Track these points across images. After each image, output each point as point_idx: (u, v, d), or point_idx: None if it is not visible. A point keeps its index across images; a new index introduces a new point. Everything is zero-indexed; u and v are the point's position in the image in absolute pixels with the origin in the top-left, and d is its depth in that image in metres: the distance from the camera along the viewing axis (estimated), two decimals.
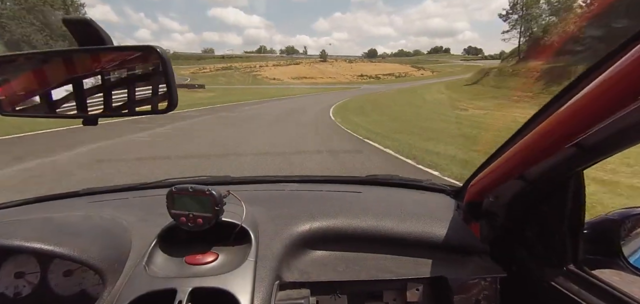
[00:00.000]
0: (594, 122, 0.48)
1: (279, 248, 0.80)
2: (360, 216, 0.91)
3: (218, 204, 0.73)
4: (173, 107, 0.59)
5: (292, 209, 0.94)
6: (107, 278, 0.70)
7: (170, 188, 0.75)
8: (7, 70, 0.61)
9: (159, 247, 0.77)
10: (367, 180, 1.32)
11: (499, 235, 0.85)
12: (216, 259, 0.74)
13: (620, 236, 0.66)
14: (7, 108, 0.60)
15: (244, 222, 0.80)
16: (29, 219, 0.91)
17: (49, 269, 0.80)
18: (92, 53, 0.58)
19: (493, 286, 0.80)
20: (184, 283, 0.67)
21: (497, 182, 0.79)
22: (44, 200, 1.20)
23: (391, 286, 0.85)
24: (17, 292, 0.79)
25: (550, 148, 0.59)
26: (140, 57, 0.60)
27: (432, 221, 0.90)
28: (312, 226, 0.88)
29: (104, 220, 0.89)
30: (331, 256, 0.85)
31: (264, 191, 1.19)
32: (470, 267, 0.82)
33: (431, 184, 1.22)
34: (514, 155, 0.69)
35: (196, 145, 7.44)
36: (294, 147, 7.28)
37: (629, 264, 0.64)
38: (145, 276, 0.69)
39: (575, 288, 0.68)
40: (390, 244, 0.87)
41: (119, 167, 5.41)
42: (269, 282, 0.72)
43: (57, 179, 4.70)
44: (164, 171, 4.95)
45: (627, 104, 0.43)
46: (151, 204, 1.03)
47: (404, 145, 7.27)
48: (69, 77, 0.61)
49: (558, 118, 0.54)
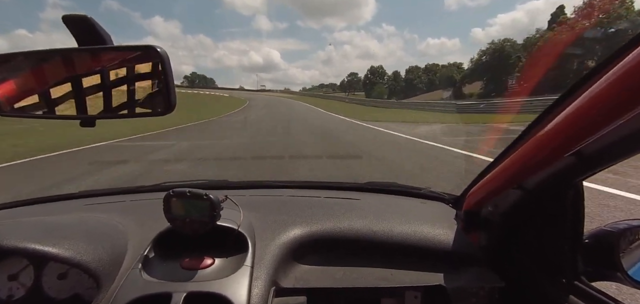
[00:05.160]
0: (593, 131, 0.48)
1: (275, 253, 0.79)
2: (358, 223, 0.90)
3: (215, 209, 0.72)
4: (171, 109, 0.59)
5: (289, 215, 0.94)
6: (101, 281, 0.69)
7: (167, 192, 0.74)
8: (5, 70, 0.61)
9: (154, 251, 0.77)
10: (365, 187, 1.32)
11: (498, 245, 0.84)
12: (212, 264, 0.74)
13: (619, 248, 0.66)
14: (6, 108, 0.60)
15: (241, 228, 0.79)
16: (24, 220, 0.90)
17: (43, 272, 0.79)
18: (91, 52, 0.58)
19: (491, 296, 0.79)
20: (180, 287, 0.66)
21: (495, 192, 0.79)
22: (39, 202, 1.19)
23: (389, 294, 0.84)
24: (10, 295, 0.78)
25: (549, 157, 0.59)
26: (139, 56, 0.60)
27: (430, 229, 0.89)
28: (310, 233, 0.87)
29: (100, 223, 0.88)
30: (329, 263, 0.84)
31: (262, 196, 1.19)
32: (468, 276, 0.81)
33: (430, 192, 1.21)
34: (512, 164, 0.69)
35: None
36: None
37: (627, 276, 0.63)
38: (140, 279, 0.68)
39: (574, 300, 0.67)
40: (388, 251, 0.86)
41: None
42: (265, 288, 0.71)
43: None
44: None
45: (627, 112, 0.42)
46: (148, 207, 1.02)
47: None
48: (68, 77, 0.61)
49: (557, 127, 0.53)
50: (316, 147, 8.63)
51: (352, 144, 9.34)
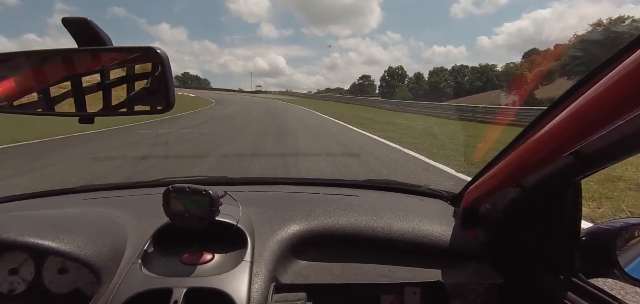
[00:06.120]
0: (592, 131, 0.48)
1: (275, 250, 0.80)
2: (357, 219, 0.91)
3: (214, 204, 0.72)
4: (171, 107, 0.59)
5: (289, 211, 0.94)
6: (102, 276, 0.69)
7: (167, 187, 0.75)
8: (6, 68, 0.61)
9: (154, 246, 0.77)
10: (365, 184, 1.32)
11: (496, 242, 0.85)
12: (212, 260, 0.74)
13: (617, 245, 0.66)
14: (5, 105, 0.60)
15: (240, 224, 0.80)
16: (24, 214, 0.91)
17: (44, 266, 0.79)
18: (91, 53, 0.58)
19: (489, 293, 0.80)
20: (180, 283, 0.66)
21: (494, 190, 0.79)
22: (39, 196, 1.19)
23: (388, 291, 0.84)
24: (11, 289, 0.78)
25: (548, 157, 0.59)
26: (139, 57, 0.60)
27: (429, 226, 0.90)
28: (309, 229, 0.87)
29: (100, 218, 0.88)
30: (328, 260, 0.85)
31: (261, 192, 1.19)
32: (468, 273, 0.81)
33: (429, 190, 1.22)
34: (511, 163, 0.69)
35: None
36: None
37: (624, 274, 0.63)
38: (140, 275, 0.69)
39: (572, 297, 0.68)
40: (388, 248, 0.86)
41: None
42: (265, 284, 0.72)
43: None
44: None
45: (626, 112, 0.42)
46: (148, 203, 1.03)
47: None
48: (68, 76, 0.61)
49: (556, 126, 0.53)
50: None
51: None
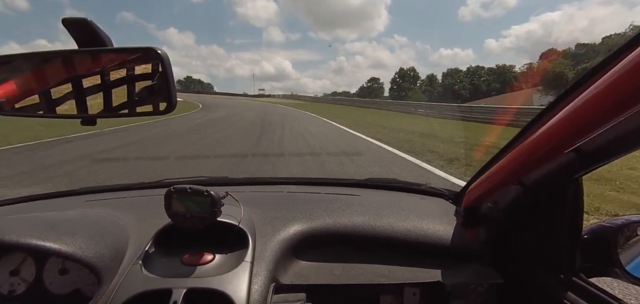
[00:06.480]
0: (593, 127, 0.48)
1: (275, 249, 0.80)
2: (358, 219, 0.91)
3: (216, 205, 0.73)
4: (172, 108, 0.59)
5: (289, 211, 0.94)
6: (102, 276, 0.70)
7: (168, 188, 0.75)
8: (7, 70, 0.61)
9: (155, 247, 0.77)
10: (365, 183, 1.32)
11: (497, 241, 0.85)
12: (213, 260, 0.74)
13: (618, 243, 0.66)
14: (7, 107, 0.60)
15: (241, 224, 0.80)
16: (25, 216, 0.91)
17: (45, 267, 0.79)
18: (91, 54, 0.58)
19: (489, 292, 0.80)
20: (180, 283, 0.66)
21: (495, 188, 0.79)
22: (40, 198, 1.19)
23: (388, 291, 0.84)
24: (11, 290, 0.79)
25: (549, 154, 0.59)
26: (139, 58, 0.60)
27: (430, 225, 0.90)
28: (310, 229, 0.87)
29: (101, 219, 0.88)
30: (328, 260, 0.85)
31: (262, 192, 1.19)
32: (468, 272, 0.81)
33: (430, 188, 1.22)
34: (512, 160, 0.69)
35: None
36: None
37: (626, 272, 0.63)
38: (140, 275, 0.69)
39: (572, 296, 0.68)
40: (388, 248, 0.86)
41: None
42: (264, 284, 0.72)
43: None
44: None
45: (627, 109, 0.42)
46: (148, 203, 1.03)
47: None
48: (68, 77, 0.61)
49: (557, 123, 0.54)
50: None
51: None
